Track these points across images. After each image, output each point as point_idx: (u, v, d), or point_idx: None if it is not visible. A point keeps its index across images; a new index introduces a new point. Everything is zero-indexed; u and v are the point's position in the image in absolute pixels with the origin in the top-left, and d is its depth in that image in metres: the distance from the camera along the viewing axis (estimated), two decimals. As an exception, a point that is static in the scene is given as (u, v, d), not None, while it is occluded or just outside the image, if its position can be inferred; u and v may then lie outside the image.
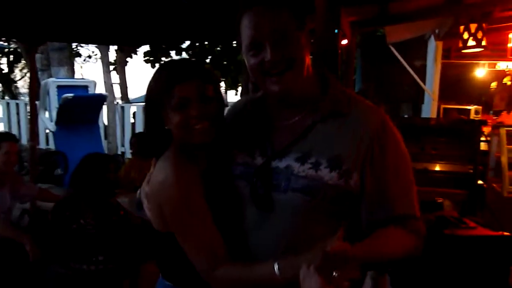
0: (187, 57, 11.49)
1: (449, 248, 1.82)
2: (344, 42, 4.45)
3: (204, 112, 1.12)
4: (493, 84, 9.66)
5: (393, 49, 6.25)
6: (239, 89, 13.64)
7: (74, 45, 12.87)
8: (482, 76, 9.19)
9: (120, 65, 12.17)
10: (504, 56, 6.53)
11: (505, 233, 1.79)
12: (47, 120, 7.65)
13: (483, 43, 4.46)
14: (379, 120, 1.14)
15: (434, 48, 6.35)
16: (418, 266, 1.82)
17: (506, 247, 1.78)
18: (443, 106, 6.87)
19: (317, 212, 1.09)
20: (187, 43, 11.14)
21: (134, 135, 4.70)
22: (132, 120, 9.64)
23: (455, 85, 8.42)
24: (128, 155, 8.39)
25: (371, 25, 5.19)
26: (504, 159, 3.79)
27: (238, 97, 13.26)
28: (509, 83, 8.95)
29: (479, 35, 4.35)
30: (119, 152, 9.46)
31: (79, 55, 15.06)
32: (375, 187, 1.11)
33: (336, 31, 4.05)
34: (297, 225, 1.09)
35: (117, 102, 10.91)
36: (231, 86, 13.40)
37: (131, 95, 14.26)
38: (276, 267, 1.00)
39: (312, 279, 0.87)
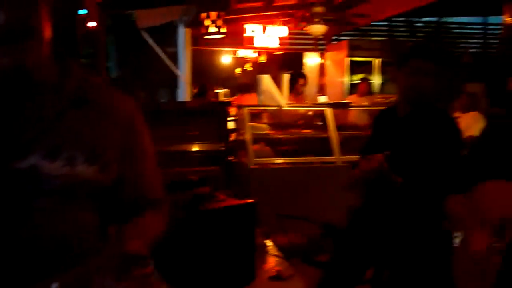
0: None
1: (205, 222, 1.91)
2: (92, 24, 4.20)
3: None
4: (238, 70, 10.86)
5: (145, 34, 6.26)
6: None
7: None
8: (228, 62, 10.21)
9: None
10: (243, 45, 7.33)
11: (249, 200, 1.98)
12: None
13: (223, 30, 4.88)
14: (131, 109, 1.08)
15: (183, 34, 6.64)
16: (181, 244, 1.86)
17: (251, 212, 1.97)
18: (195, 90, 7.31)
19: (77, 213, 0.98)
20: None
21: None
22: None
23: (205, 70, 9.08)
24: None
25: (119, 8, 5.06)
26: (248, 135, 4.27)
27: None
28: (249, 69, 10.20)
29: (219, 22, 4.75)
30: None
31: None
32: (132, 175, 1.08)
33: (84, 12, 3.79)
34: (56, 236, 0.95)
35: None
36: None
37: None
38: (54, 286, 0.86)
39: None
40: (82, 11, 3.93)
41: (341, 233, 1.48)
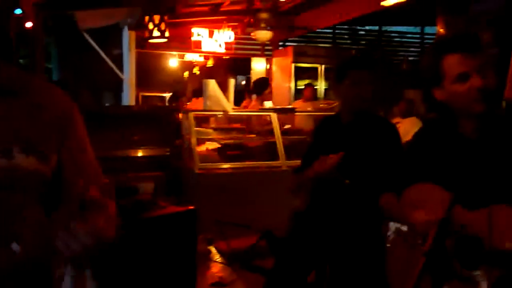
0: None
1: (145, 230, 1.87)
2: (29, 24, 4.02)
3: None
4: (186, 74, 10.75)
5: (87, 36, 6.06)
6: None
7: None
8: (176, 66, 10.08)
9: None
10: (190, 48, 7.27)
11: (190, 207, 1.97)
12: None
13: (167, 34, 4.83)
14: (65, 100, 1.08)
15: (128, 37, 6.50)
16: (119, 253, 1.80)
17: (191, 219, 1.96)
18: (141, 93, 7.18)
19: (21, 207, 0.96)
20: None
21: None
22: None
23: (152, 73, 8.92)
24: None
25: (57, 9, 4.85)
26: (193, 140, 4.24)
27: None
28: (197, 72, 10.14)
29: (163, 26, 4.69)
30: None
31: None
32: (75, 165, 1.07)
33: (19, 11, 3.61)
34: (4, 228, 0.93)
35: None
36: None
37: None
38: (14, 246, 0.89)
39: (81, 233, 0.84)
40: (18, 11, 3.75)
41: (277, 239, 1.51)
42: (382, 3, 4.66)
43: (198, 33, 6.96)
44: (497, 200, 1.26)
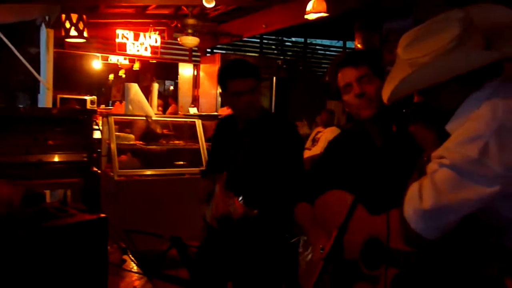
0: None
1: (49, 240, 1.76)
2: None
3: None
4: (111, 76, 10.35)
5: (-2, 32, 5.63)
6: None
7: None
8: (99, 68, 9.66)
9: None
10: (114, 51, 7.02)
11: (102, 215, 1.88)
12: None
13: (85, 34, 4.61)
14: None
15: (46, 35, 6.13)
16: (22, 267, 1.69)
17: (102, 228, 1.88)
18: (59, 96, 6.79)
19: None
20: None
21: None
22: None
23: (72, 75, 8.48)
24: None
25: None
26: (113, 146, 4.09)
27: None
28: (123, 76, 9.80)
29: (81, 25, 4.48)
30: None
31: None
32: None
33: None
34: None
35: None
36: None
37: None
38: None
39: None
40: None
41: (186, 246, 1.49)
42: (306, 17, 4.83)
43: (123, 35, 6.75)
44: (397, 204, 1.34)
